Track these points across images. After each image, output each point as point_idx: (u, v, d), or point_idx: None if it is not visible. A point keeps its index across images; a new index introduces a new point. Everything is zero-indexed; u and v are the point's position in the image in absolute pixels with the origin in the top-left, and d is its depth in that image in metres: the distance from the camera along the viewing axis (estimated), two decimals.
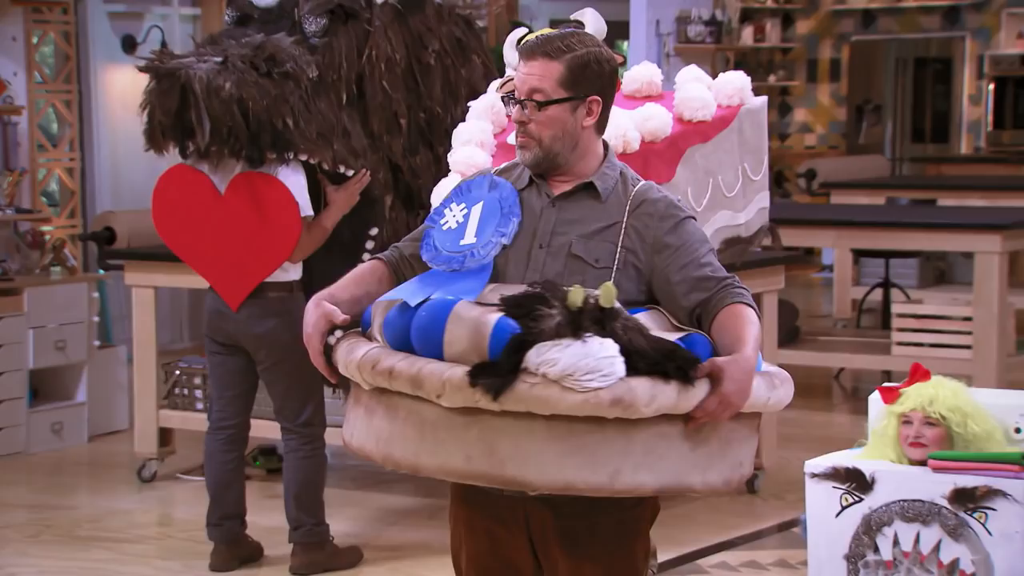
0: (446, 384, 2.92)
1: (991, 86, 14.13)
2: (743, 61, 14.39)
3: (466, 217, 3.26)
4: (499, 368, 2.88)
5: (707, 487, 3.06)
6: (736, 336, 3.07)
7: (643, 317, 3.10)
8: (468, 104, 5.94)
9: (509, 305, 2.98)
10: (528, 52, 3.24)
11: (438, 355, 2.99)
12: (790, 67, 15.19)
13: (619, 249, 3.20)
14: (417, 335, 3.05)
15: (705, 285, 3.16)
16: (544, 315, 2.92)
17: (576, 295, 2.92)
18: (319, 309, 3.21)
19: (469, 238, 3.23)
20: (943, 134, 14.57)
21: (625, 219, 3.22)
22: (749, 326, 3.08)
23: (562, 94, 3.20)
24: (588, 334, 2.88)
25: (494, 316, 2.96)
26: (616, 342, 2.90)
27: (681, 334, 3.09)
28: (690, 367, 2.94)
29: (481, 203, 3.26)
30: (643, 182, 3.30)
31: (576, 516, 3.18)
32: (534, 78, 3.20)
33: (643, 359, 2.91)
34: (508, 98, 3.26)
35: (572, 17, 3.68)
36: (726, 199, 5.76)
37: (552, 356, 2.86)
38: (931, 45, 14.63)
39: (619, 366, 2.87)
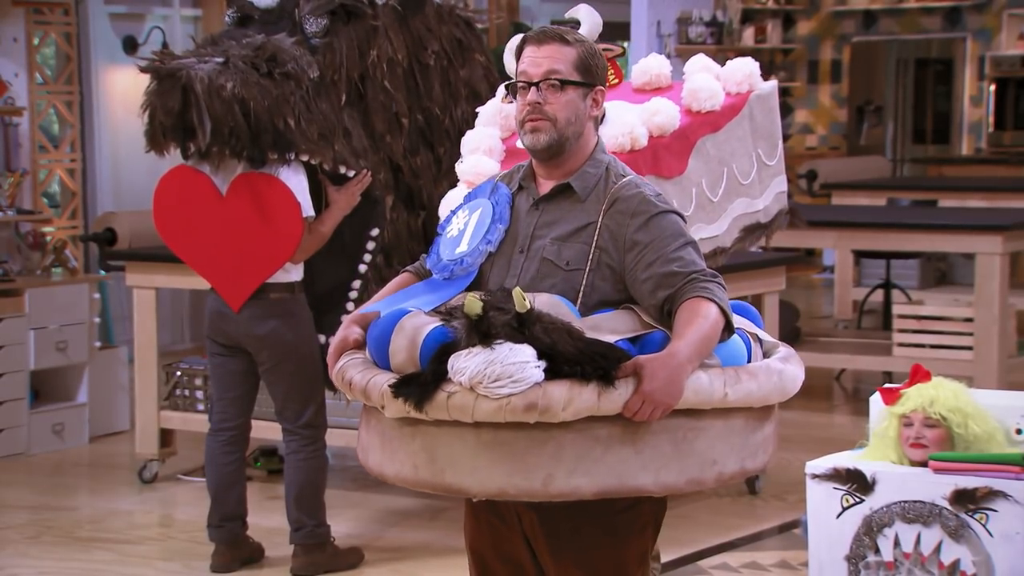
0: (384, 395, 2.95)
1: (992, 87, 14.13)
2: None
3: (467, 224, 3.25)
4: (421, 377, 2.90)
5: (664, 488, 2.98)
6: (677, 332, 2.99)
7: (610, 317, 3.07)
8: (468, 105, 5.93)
9: (443, 314, 3.00)
10: (540, 37, 3.21)
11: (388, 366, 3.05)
12: (791, 68, 15.18)
13: (593, 249, 3.15)
14: (373, 347, 3.09)
15: (670, 281, 3.08)
16: (459, 324, 2.93)
17: (473, 304, 2.90)
18: (342, 331, 3.22)
19: (463, 246, 3.23)
20: (944, 135, 14.57)
21: (600, 218, 3.17)
22: (696, 320, 2.99)
23: (577, 78, 3.19)
24: (499, 340, 2.86)
25: (432, 325, 2.96)
26: (536, 346, 2.86)
27: (636, 333, 3.04)
28: (613, 367, 2.87)
29: (480, 210, 3.25)
30: (626, 178, 3.23)
31: (560, 519, 3.15)
32: (550, 60, 3.18)
33: (566, 361, 2.86)
34: (518, 83, 3.21)
35: (567, 15, 3.67)
36: (742, 187, 5.74)
37: (461, 365, 2.86)
38: (932, 46, 14.63)
39: (532, 371, 2.84)
